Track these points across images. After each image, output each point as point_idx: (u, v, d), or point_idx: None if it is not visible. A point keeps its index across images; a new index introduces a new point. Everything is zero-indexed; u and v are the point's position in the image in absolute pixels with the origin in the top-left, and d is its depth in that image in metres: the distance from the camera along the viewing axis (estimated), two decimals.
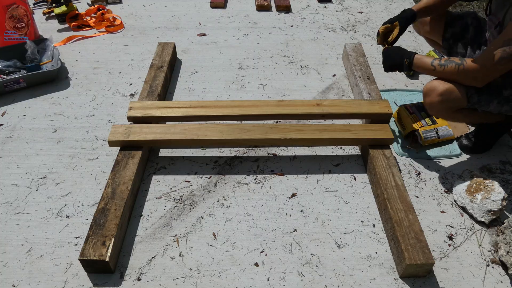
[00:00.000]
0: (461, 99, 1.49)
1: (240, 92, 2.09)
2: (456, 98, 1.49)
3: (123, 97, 2.05)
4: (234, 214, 1.52)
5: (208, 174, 1.67)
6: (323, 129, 1.66)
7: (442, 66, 1.49)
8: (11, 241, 1.42)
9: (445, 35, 1.78)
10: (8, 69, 2.10)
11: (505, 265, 1.35)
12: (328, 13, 2.81)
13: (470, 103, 1.50)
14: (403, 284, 1.32)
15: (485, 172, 1.70)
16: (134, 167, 1.55)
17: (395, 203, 1.43)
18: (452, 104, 1.51)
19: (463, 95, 1.48)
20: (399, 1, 2.97)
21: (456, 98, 1.49)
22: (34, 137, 1.82)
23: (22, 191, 1.59)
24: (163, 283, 1.31)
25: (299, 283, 1.31)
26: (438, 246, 1.43)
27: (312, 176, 1.66)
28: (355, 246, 1.42)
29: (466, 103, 1.50)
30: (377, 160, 1.58)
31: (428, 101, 1.55)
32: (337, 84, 2.16)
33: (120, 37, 2.51)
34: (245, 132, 1.64)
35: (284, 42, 2.49)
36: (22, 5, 2.24)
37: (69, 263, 1.35)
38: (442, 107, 1.53)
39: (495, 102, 1.49)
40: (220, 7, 2.85)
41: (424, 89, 1.56)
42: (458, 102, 1.50)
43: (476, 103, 1.50)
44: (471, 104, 1.50)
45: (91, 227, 1.35)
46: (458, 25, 1.73)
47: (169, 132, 1.64)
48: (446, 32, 1.77)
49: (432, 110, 1.57)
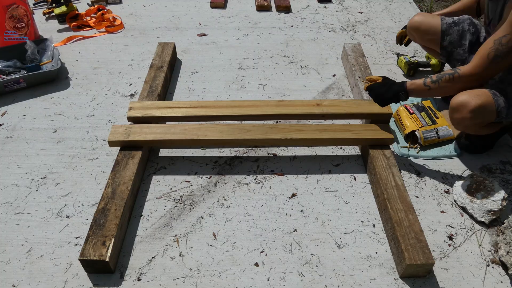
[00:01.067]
0: (491, 115, 1.45)
1: (240, 92, 2.09)
2: (488, 114, 1.45)
3: (123, 97, 2.05)
4: (234, 214, 1.52)
5: (208, 174, 1.67)
6: (323, 129, 1.66)
7: (436, 83, 1.46)
8: (11, 241, 1.42)
9: (443, 44, 1.76)
10: (8, 69, 2.10)
11: (505, 265, 1.35)
12: (328, 13, 2.81)
13: (498, 117, 1.47)
14: (403, 284, 1.32)
15: (485, 172, 1.70)
16: (134, 167, 1.55)
17: (395, 203, 1.43)
18: (483, 120, 1.48)
19: (493, 110, 1.44)
20: (399, 1, 2.97)
21: (487, 114, 1.45)
22: (34, 137, 1.82)
23: (22, 191, 1.59)
24: (163, 283, 1.31)
25: (299, 283, 1.31)
26: (438, 246, 1.43)
27: (312, 176, 1.67)
28: (355, 246, 1.42)
29: (495, 118, 1.47)
30: (377, 160, 1.58)
31: (458, 117, 1.48)
32: (337, 84, 2.16)
33: (120, 37, 2.51)
34: (245, 132, 1.64)
35: (284, 42, 2.49)
36: (22, 5, 2.24)
37: (69, 263, 1.35)
38: (471, 123, 1.48)
39: None
40: (220, 7, 2.85)
41: (454, 104, 1.47)
42: (489, 118, 1.47)
43: (504, 117, 1.47)
44: (499, 118, 1.48)
45: (91, 227, 1.35)
46: (455, 32, 1.72)
47: (169, 132, 1.64)
48: (443, 40, 1.76)
49: (460, 125, 1.52)
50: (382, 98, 1.57)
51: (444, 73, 1.46)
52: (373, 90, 1.59)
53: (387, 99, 1.56)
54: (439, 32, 1.76)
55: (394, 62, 2.32)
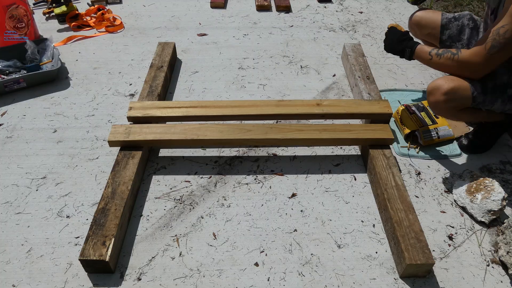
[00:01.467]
0: (466, 99, 1.47)
1: (240, 92, 2.09)
2: (461, 97, 1.47)
3: (123, 97, 2.05)
4: (234, 214, 1.52)
5: (208, 174, 1.67)
6: (323, 129, 1.66)
7: (438, 56, 1.49)
8: (11, 241, 1.42)
9: (442, 38, 1.78)
10: (8, 69, 2.10)
11: (505, 265, 1.35)
12: (328, 13, 2.81)
13: (475, 103, 1.49)
14: (403, 284, 1.32)
15: (485, 172, 1.70)
16: (134, 167, 1.55)
17: (395, 203, 1.43)
18: (457, 104, 1.50)
19: (468, 94, 1.46)
20: (399, 1, 2.97)
21: (461, 97, 1.47)
22: (34, 137, 1.82)
23: (22, 191, 1.59)
24: (163, 283, 1.31)
25: (299, 283, 1.31)
26: (438, 246, 1.43)
27: (312, 176, 1.66)
28: (355, 246, 1.42)
29: (471, 103, 1.49)
30: (377, 160, 1.58)
31: (432, 100, 1.53)
32: (337, 84, 2.16)
33: (120, 37, 2.51)
34: (245, 132, 1.64)
35: (284, 42, 2.49)
36: (22, 5, 2.24)
37: (69, 263, 1.35)
38: (447, 106, 1.51)
39: (499, 101, 1.48)
40: (220, 7, 2.85)
41: (428, 88, 1.54)
42: (463, 101, 1.49)
43: (480, 103, 1.49)
44: (475, 104, 1.49)
45: (91, 227, 1.35)
46: (454, 27, 1.74)
47: (169, 132, 1.64)
48: (442, 35, 1.78)
49: (436, 109, 1.56)
50: (392, 44, 1.63)
51: (449, 50, 1.48)
52: (390, 34, 1.66)
53: (394, 48, 1.63)
54: (438, 26, 1.78)
55: (394, 62, 2.32)
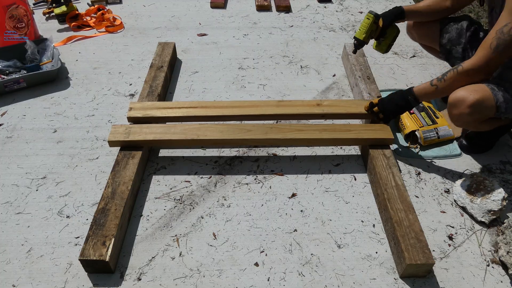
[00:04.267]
0: (490, 109, 1.43)
1: (240, 92, 2.09)
2: (486, 109, 1.43)
3: (123, 97, 2.05)
4: (234, 214, 1.52)
5: (208, 174, 1.67)
6: (323, 129, 1.66)
7: (441, 80, 1.46)
8: (11, 241, 1.42)
9: (442, 41, 1.76)
10: (8, 69, 2.10)
11: (505, 265, 1.35)
12: (328, 13, 2.81)
13: (498, 112, 1.45)
14: (403, 284, 1.32)
15: (485, 172, 1.70)
16: (134, 167, 1.55)
17: (395, 203, 1.43)
18: (482, 115, 1.45)
19: (493, 104, 1.42)
20: (399, 1, 2.97)
21: (486, 109, 1.43)
22: (34, 137, 1.82)
23: (22, 191, 1.59)
24: (163, 283, 1.31)
25: (299, 283, 1.31)
26: (438, 246, 1.43)
27: (312, 176, 1.66)
28: (355, 246, 1.42)
29: (494, 113, 1.45)
30: (377, 160, 1.58)
31: (456, 112, 1.46)
32: (337, 84, 2.16)
33: (120, 37, 2.51)
34: (245, 132, 1.64)
35: (284, 42, 2.49)
36: (22, 5, 2.24)
37: (69, 263, 1.35)
38: (471, 119, 1.46)
39: None
40: (220, 7, 2.85)
41: (452, 100, 1.45)
42: (488, 112, 1.44)
43: (503, 112, 1.45)
44: (498, 114, 1.46)
45: (91, 227, 1.35)
46: (453, 30, 1.72)
47: (169, 132, 1.64)
48: (442, 38, 1.76)
49: (459, 121, 1.50)
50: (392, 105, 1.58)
51: (447, 70, 1.46)
52: (383, 103, 1.61)
53: (400, 106, 1.57)
54: (438, 30, 1.76)
55: (394, 62, 2.32)
